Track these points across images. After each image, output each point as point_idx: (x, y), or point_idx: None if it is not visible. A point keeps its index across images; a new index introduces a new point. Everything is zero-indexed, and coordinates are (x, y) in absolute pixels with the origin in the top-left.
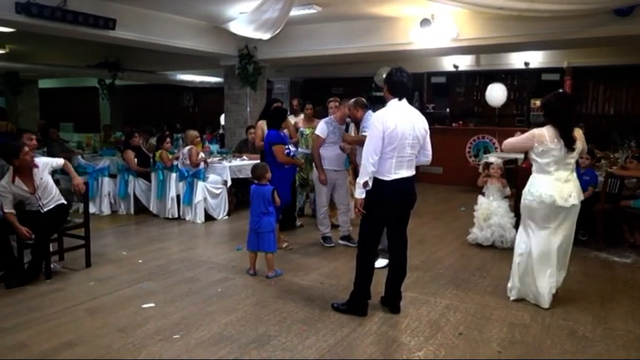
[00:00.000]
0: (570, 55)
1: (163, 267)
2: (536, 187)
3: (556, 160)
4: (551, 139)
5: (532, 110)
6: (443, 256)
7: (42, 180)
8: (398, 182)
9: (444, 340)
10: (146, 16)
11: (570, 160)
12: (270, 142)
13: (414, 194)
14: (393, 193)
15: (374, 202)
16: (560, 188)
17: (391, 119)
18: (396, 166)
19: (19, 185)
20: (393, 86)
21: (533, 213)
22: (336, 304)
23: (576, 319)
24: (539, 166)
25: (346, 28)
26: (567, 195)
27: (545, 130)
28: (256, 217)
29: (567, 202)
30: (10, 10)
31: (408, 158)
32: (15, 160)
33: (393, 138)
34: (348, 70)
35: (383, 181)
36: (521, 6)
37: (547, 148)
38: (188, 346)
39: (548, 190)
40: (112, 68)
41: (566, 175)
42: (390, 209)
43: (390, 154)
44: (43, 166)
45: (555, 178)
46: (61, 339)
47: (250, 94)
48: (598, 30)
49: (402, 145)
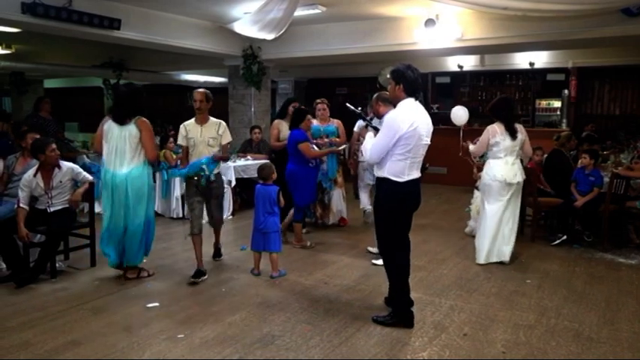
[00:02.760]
0: (575, 55)
1: (168, 266)
2: (492, 170)
3: (505, 147)
4: (500, 132)
5: (537, 111)
6: (447, 257)
7: (60, 182)
8: (411, 184)
9: (448, 340)
10: (151, 16)
11: (515, 148)
12: (295, 141)
13: (420, 197)
14: (407, 195)
15: (389, 206)
16: (509, 169)
17: (409, 120)
18: (410, 168)
19: (38, 180)
20: (408, 85)
21: (490, 189)
22: (379, 317)
23: (582, 320)
24: (493, 154)
25: (350, 28)
26: (513, 175)
27: (496, 126)
28: (261, 217)
29: (514, 179)
30: (16, 10)
31: (419, 159)
32: (41, 155)
33: (411, 139)
34: (352, 70)
35: (397, 183)
36: (526, 6)
37: (498, 139)
38: (192, 346)
39: (500, 171)
40: (117, 68)
41: (513, 159)
42: (405, 211)
43: (405, 156)
44: (67, 170)
45: (505, 162)
46: (66, 338)
47: (254, 94)
48: (603, 30)
49: (418, 146)
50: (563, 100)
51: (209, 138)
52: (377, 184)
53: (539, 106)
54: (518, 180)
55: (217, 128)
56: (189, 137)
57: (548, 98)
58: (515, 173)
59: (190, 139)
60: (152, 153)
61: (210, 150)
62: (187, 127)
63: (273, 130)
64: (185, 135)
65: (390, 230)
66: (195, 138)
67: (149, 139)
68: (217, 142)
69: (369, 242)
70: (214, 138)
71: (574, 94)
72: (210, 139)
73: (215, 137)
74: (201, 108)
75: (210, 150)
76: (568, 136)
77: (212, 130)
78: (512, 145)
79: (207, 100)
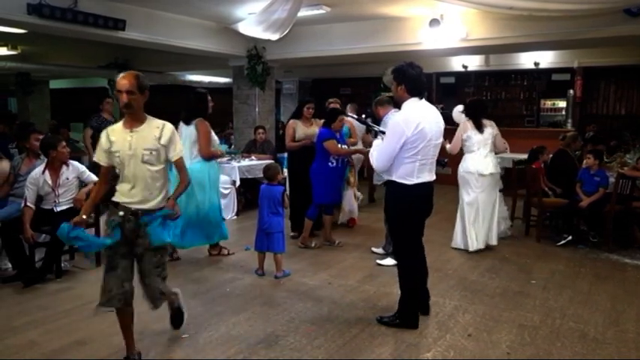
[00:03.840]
0: (581, 55)
1: (172, 267)
2: (466, 163)
3: (477, 141)
4: (471, 128)
5: (542, 111)
6: (452, 257)
7: (67, 180)
8: (420, 187)
9: (452, 341)
10: (155, 17)
11: (487, 142)
12: (321, 140)
13: (432, 201)
14: (415, 198)
15: (397, 210)
16: (481, 162)
17: (415, 122)
18: (419, 170)
19: (46, 177)
20: (410, 84)
21: (464, 181)
22: (384, 318)
23: (587, 321)
24: (467, 148)
25: (355, 28)
26: (485, 166)
27: (467, 123)
28: (266, 217)
29: (486, 171)
30: (21, 11)
31: (430, 161)
32: (52, 150)
33: (418, 141)
34: (357, 70)
35: (405, 186)
36: (532, 5)
37: (469, 133)
38: (196, 346)
39: (474, 163)
40: (122, 69)
41: (486, 152)
42: (415, 215)
43: (413, 158)
44: (74, 168)
45: (478, 155)
46: (71, 337)
47: (259, 95)
48: (609, 30)
49: (427, 147)
50: (568, 100)
51: (144, 151)
52: (385, 186)
53: (543, 106)
54: (490, 171)
55: (159, 134)
56: (112, 151)
57: (553, 98)
58: (487, 165)
59: (114, 153)
60: (203, 151)
61: (148, 170)
62: (110, 136)
63: (289, 130)
64: (107, 148)
65: (399, 234)
66: (122, 151)
67: (202, 138)
68: (159, 157)
69: (374, 242)
70: (153, 151)
71: (579, 94)
72: (145, 154)
73: (154, 149)
74: (130, 104)
75: (146, 170)
76: (574, 136)
77: (149, 137)
78: (483, 138)
79: (141, 89)
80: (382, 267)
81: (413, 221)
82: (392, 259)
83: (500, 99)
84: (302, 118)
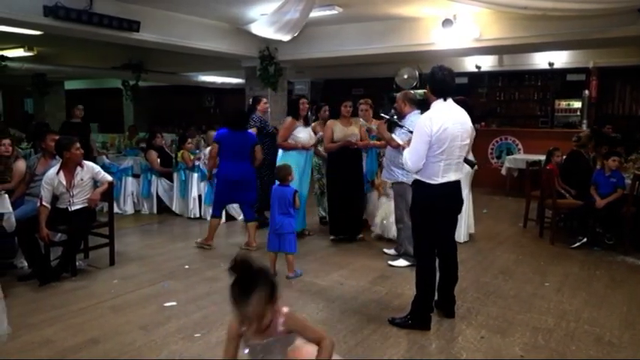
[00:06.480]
0: (596, 55)
1: (184, 266)
2: None
3: None
4: None
5: (556, 111)
6: (465, 259)
7: (81, 181)
8: (446, 186)
9: (465, 343)
10: (169, 18)
11: None
12: None
13: (461, 199)
14: (440, 198)
15: (420, 208)
16: None
17: (438, 122)
18: (444, 170)
19: (60, 178)
20: (435, 86)
21: None
22: (396, 319)
23: (602, 324)
24: None
25: (367, 28)
26: None
27: None
28: (277, 217)
29: None
30: (38, 13)
31: (456, 161)
32: (66, 152)
33: (442, 141)
34: (369, 70)
35: (430, 185)
36: (547, 5)
37: None
38: (209, 345)
39: None
40: (136, 70)
41: None
42: (439, 214)
43: (438, 158)
44: (89, 169)
45: None
46: (86, 335)
47: (271, 95)
48: (624, 29)
49: (452, 147)
50: (583, 100)
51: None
52: (412, 186)
53: (558, 106)
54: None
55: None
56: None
57: (568, 99)
58: None
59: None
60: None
61: None
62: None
63: (327, 131)
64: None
65: (420, 233)
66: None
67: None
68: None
69: (385, 244)
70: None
71: (595, 95)
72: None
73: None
74: None
75: None
76: (589, 137)
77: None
78: None
79: None
80: (394, 268)
81: (434, 220)
82: (404, 260)
83: (514, 99)
84: (340, 117)
